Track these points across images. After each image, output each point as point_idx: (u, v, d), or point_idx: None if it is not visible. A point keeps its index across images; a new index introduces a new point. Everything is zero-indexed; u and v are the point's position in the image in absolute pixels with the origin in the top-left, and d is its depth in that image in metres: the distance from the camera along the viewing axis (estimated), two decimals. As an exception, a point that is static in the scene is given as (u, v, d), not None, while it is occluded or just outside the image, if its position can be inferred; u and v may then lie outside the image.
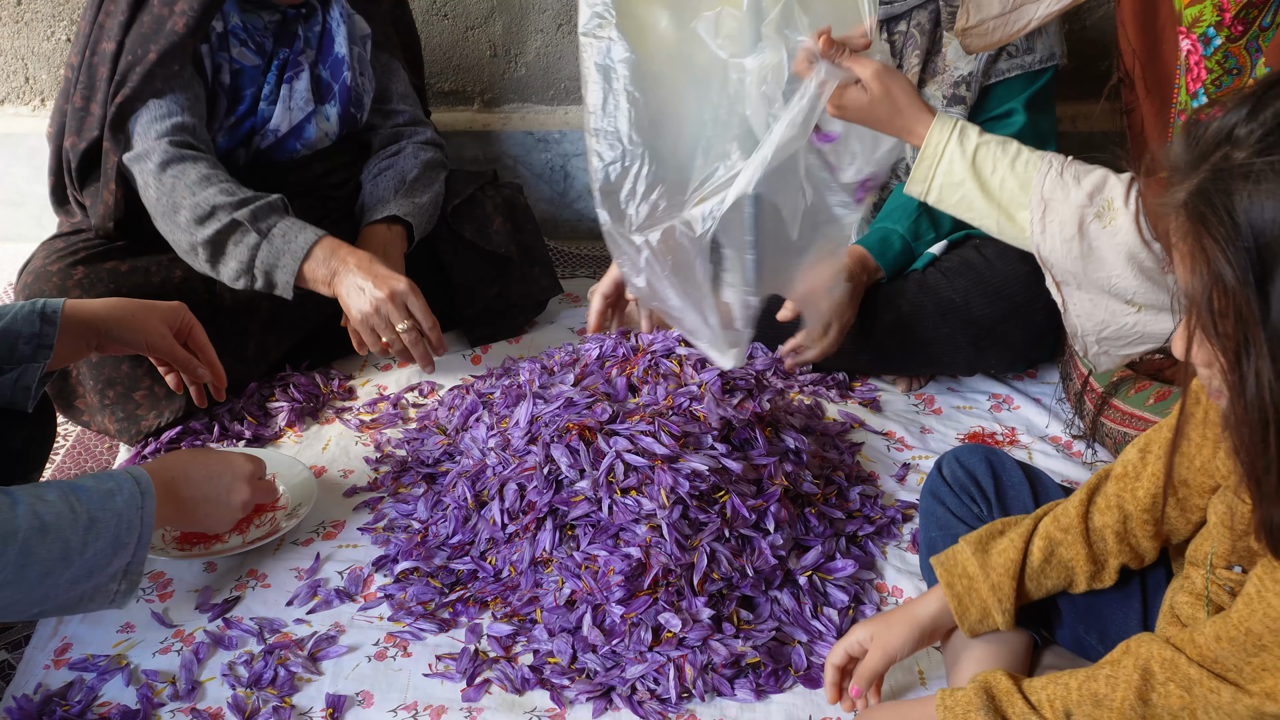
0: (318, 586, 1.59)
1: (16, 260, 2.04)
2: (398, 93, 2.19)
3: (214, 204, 1.81)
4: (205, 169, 1.84)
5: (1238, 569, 1.10)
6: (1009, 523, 1.31)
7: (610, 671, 1.43)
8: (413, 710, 1.40)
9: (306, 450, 1.91)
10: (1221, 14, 1.47)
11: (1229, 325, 0.89)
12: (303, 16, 1.99)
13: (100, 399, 1.86)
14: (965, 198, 1.41)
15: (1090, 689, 1.08)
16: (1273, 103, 0.88)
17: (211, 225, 1.81)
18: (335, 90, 2.04)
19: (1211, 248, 0.88)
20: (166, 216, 1.85)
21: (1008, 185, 1.39)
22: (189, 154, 1.85)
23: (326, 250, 1.82)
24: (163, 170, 1.83)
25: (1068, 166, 1.37)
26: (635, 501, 1.51)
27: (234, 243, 1.82)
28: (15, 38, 2.67)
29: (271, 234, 1.82)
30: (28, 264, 1.93)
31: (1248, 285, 0.86)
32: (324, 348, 2.14)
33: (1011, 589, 1.26)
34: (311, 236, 1.83)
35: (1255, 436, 0.90)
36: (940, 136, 1.41)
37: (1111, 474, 1.27)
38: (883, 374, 2.10)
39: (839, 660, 1.33)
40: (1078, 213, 1.35)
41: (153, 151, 1.85)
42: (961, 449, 1.50)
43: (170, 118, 1.87)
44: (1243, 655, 1.00)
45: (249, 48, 1.94)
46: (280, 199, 1.86)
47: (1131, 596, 1.31)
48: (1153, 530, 1.24)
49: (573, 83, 2.73)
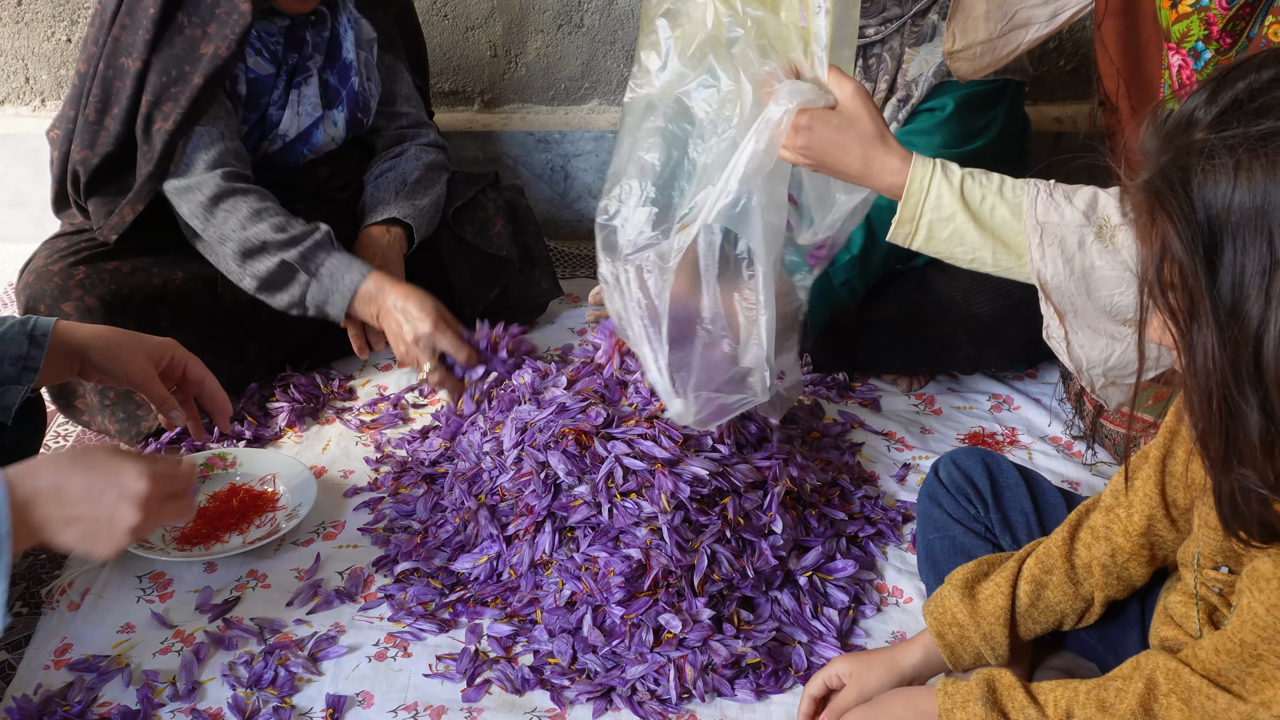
0: (318, 587, 1.59)
1: (17, 261, 2.04)
2: (402, 95, 2.19)
3: (264, 240, 1.84)
4: (255, 203, 1.87)
5: (1224, 569, 1.11)
6: (993, 562, 1.30)
7: (610, 672, 1.43)
8: (413, 711, 1.40)
9: (307, 450, 1.91)
10: (1209, 27, 1.47)
11: (1178, 297, 0.92)
12: (311, 22, 1.99)
13: (100, 399, 1.86)
14: (957, 231, 1.36)
15: (1098, 696, 1.08)
16: (1231, 85, 0.90)
17: (263, 263, 1.85)
18: (343, 96, 2.04)
19: (1164, 220, 0.91)
20: (211, 247, 1.89)
21: (999, 212, 1.35)
22: (239, 187, 1.87)
23: (373, 288, 1.86)
24: (214, 205, 1.86)
25: (1055, 189, 1.35)
26: (635, 504, 1.51)
27: (285, 281, 1.87)
28: (15, 38, 2.67)
29: (319, 274, 1.86)
30: (29, 263, 1.92)
31: (1196, 256, 0.89)
32: (324, 348, 2.14)
33: (1005, 637, 1.25)
34: (357, 277, 1.86)
35: (1202, 405, 0.93)
36: (924, 172, 1.36)
37: (1098, 507, 1.26)
38: (883, 373, 2.10)
39: (816, 691, 1.32)
40: (1076, 232, 1.33)
41: (204, 184, 1.86)
42: (958, 452, 1.50)
43: (217, 144, 1.88)
44: (1242, 667, 1.01)
45: (264, 57, 1.94)
46: (327, 234, 1.89)
47: (1132, 612, 1.31)
48: (1147, 556, 1.23)
49: (573, 83, 2.73)
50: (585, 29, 2.67)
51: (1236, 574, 1.10)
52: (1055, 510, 1.42)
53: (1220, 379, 0.90)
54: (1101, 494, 1.27)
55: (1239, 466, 0.92)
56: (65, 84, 2.70)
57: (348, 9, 2.03)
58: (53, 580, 1.61)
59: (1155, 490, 1.20)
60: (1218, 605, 1.13)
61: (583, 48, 2.69)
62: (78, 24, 2.65)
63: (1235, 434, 0.91)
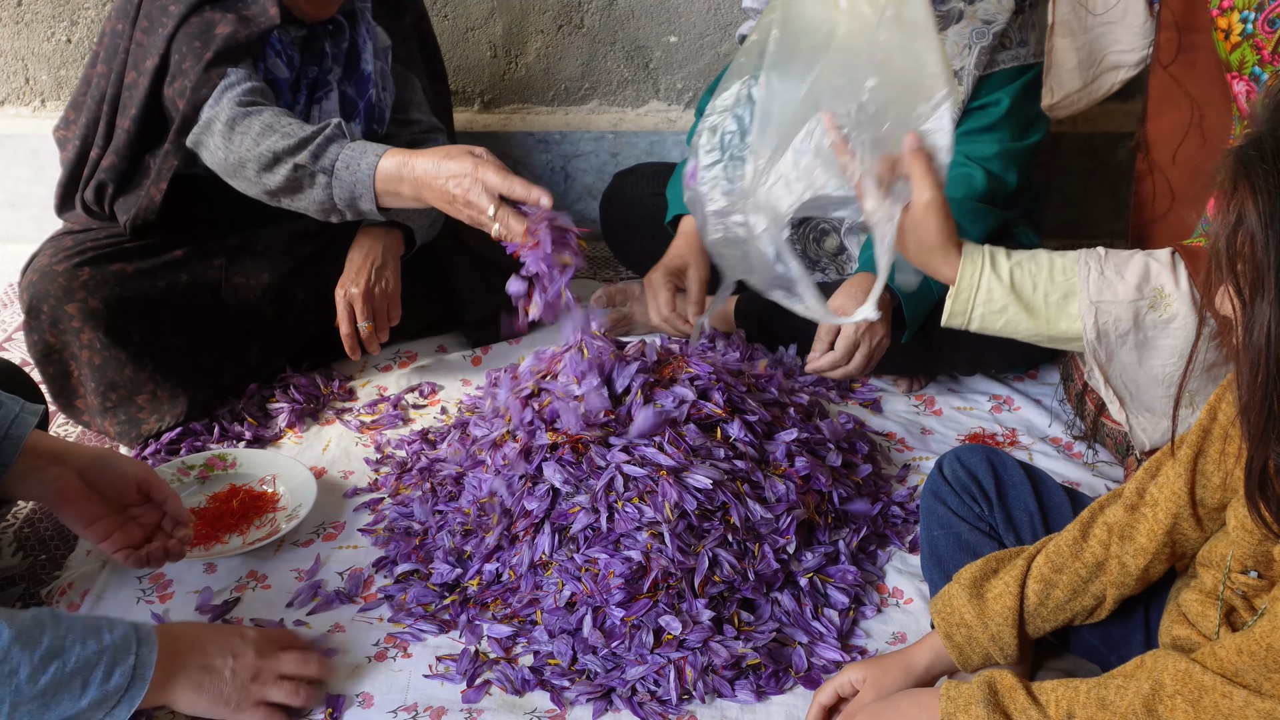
0: (318, 587, 1.59)
1: (17, 261, 2.04)
2: (414, 102, 2.18)
3: (275, 151, 1.76)
4: (269, 117, 1.78)
5: (1253, 574, 1.11)
6: (1001, 559, 1.30)
7: (610, 673, 1.43)
8: (413, 711, 1.40)
9: (307, 451, 1.91)
10: (1260, 51, 1.50)
11: (1246, 268, 0.93)
12: (329, 33, 1.97)
13: (102, 401, 1.86)
14: (1010, 321, 1.40)
15: (1099, 693, 1.08)
16: None
17: (280, 173, 1.76)
18: (360, 108, 2.03)
19: (1245, 189, 0.92)
20: (235, 173, 1.81)
21: (1051, 299, 1.38)
22: (253, 108, 1.80)
23: (394, 165, 1.73)
24: (230, 129, 1.78)
25: (1106, 262, 1.37)
26: (636, 509, 1.51)
27: (307, 186, 1.78)
28: (16, 39, 2.67)
29: (335, 169, 1.76)
30: (33, 261, 1.91)
31: (1271, 230, 0.91)
32: (325, 349, 2.14)
33: (1013, 637, 1.25)
34: (373, 159, 1.74)
35: (1250, 377, 0.95)
36: (973, 269, 1.39)
37: (1117, 503, 1.25)
38: (883, 374, 2.10)
39: (827, 700, 1.32)
40: (1130, 309, 1.36)
41: (220, 114, 1.79)
42: (962, 449, 1.50)
43: (240, 85, 1.81)
44: (1263, 670, 1.01)
45: (282, 60, 1.93)
46: (338, 125, 1.79)
47: (1137, 614, 1.31)
48: (1168, 554, 1.22)
49: (573, 84, 2.73)
50: (585, 29, 2.67)
51: (1265, 579, 1.10)
52: (1060, 509, 1.42)
53: (1271, 354, 0.92)
54: (1122, 490, 1.26)
55: (1276, 443, 0.95)
56: (65, 84, 2.70)
57: (366, 19, 2.01)
58: (53, 580, 1.61)
59: (1184, 488, 1.19)
60: (1239, 608, 1.13)
61: (583, 48, 2.69)
62: (78, 24, 2.65)
63: (1277, 410, 0.94)
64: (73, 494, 1.44)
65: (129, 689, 1.22)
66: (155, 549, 1.50)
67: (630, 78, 2.71)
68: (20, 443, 1.41)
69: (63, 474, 1.43)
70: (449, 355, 2.20)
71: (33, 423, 1.42)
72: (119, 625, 1.24)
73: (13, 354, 2.18)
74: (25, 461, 1.42)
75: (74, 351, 1.84)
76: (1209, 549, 1.18)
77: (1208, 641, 1.12)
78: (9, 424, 1.41)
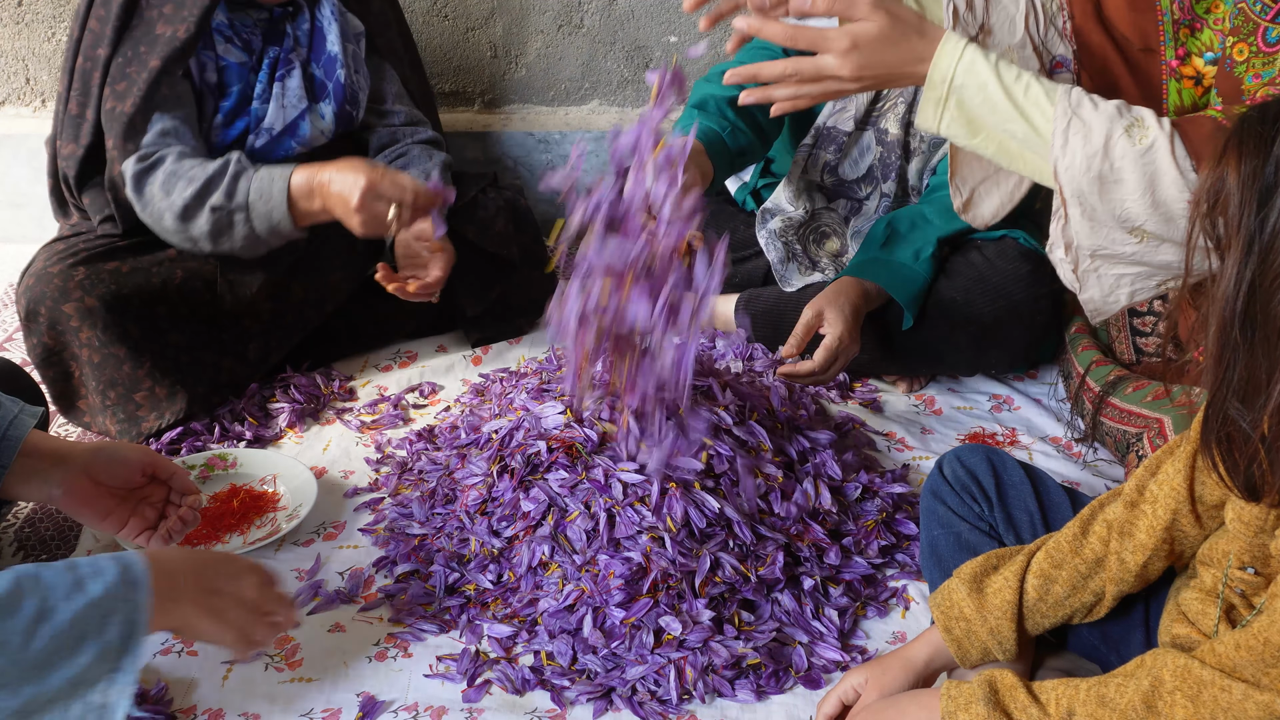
0: (318, 587, 1.59)
1: (18, 261, 2.04)
2: (391, 93, 2.19)
3: (185, 199, 1.82)
4: (170, 165, 1.84)
5: (1250, 570, 1.11)
6: (1003, 555, 1.30)
7: (611, 673, 1.43)
8: (413, 711, 1.40)
9: (307, 451, 1.91)
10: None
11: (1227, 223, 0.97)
12: (289, 15, 1.99)
13: (102, 400, 1.86)
14: (989, 100, 1.32)
15: (1099, 692, 1.08)
16: None
17: (201, 219, 1.82)
18: (329, 89, 2.04)
19: (1233, 147, 0.96)
20: (158, 227, 1.88)
21: (1033, 90, 1.32)
22: (146, 164, 1.86)
23: (303, 181, 1.80)
24: (138, 191, 1.86)
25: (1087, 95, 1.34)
26: (636, 513, 1.51)
27: (226, 225, 1.83)
28: (16, 39, 2.67)
29: (250, 202, 1.81)
30: (29, 266, 1.92)
31: (1247, 190, 0.95)
32: (325, 348, 2.14)
33: (1012, 632, 1.25)
34: (282, 184, 1.80)
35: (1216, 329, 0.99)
36: (957, 41, 1.34)
37: (1118, 500, 1.25)
38: (883, 374, 2.10)
39: (832, 710, 1.31)
40: (1106, 125, 1.30)
41: (126, 174, 1.86)
42: (963, 448, 1.50)
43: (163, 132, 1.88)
44: (1261, 665, 1.01)
45: (235, 44, 1.94)
46: (237, 158, 1.84)
47: (1137, 612, 1.31)
48: (1167, 551, 1.22)
49: (573, 84, 2.73)
50: (585, 29, 2.67)
51: (1262, 576, 1.10)
52: (1060, 509, 1.42)
53: (1229, 308, 0.96)
54: (1122, 488, 1.26)
55: (1233, 399, 0.99)
56: (65, 84, 2.71)
57: (330, 1, 2.03)
58: (53, 581, 1.61)
59: (1183, 485, 1.19)
60: (1238, 605, 1.13)
61: (583, 48, 2.69)
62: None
63: (1231, 367, 0.98)
64: (85, 494, 1.44)
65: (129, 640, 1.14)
66: (172, 524, 1.51)
67: (630, 78, 2.71)
68: (18, 444, 1.40)
69: (69, 475, 1.43)
70: (449, 355, 2.20)
71: (31, 424, 1.42)
72: (105, 570, 1.16)
73: (13, 354, 2.18)
74: (26, 463, 1.41)
75: (74, 352, 1.85)
76: (1209, 547, 1.18)
77: (1207, 640, 1.13)
78: (7, 425, 1.40)
